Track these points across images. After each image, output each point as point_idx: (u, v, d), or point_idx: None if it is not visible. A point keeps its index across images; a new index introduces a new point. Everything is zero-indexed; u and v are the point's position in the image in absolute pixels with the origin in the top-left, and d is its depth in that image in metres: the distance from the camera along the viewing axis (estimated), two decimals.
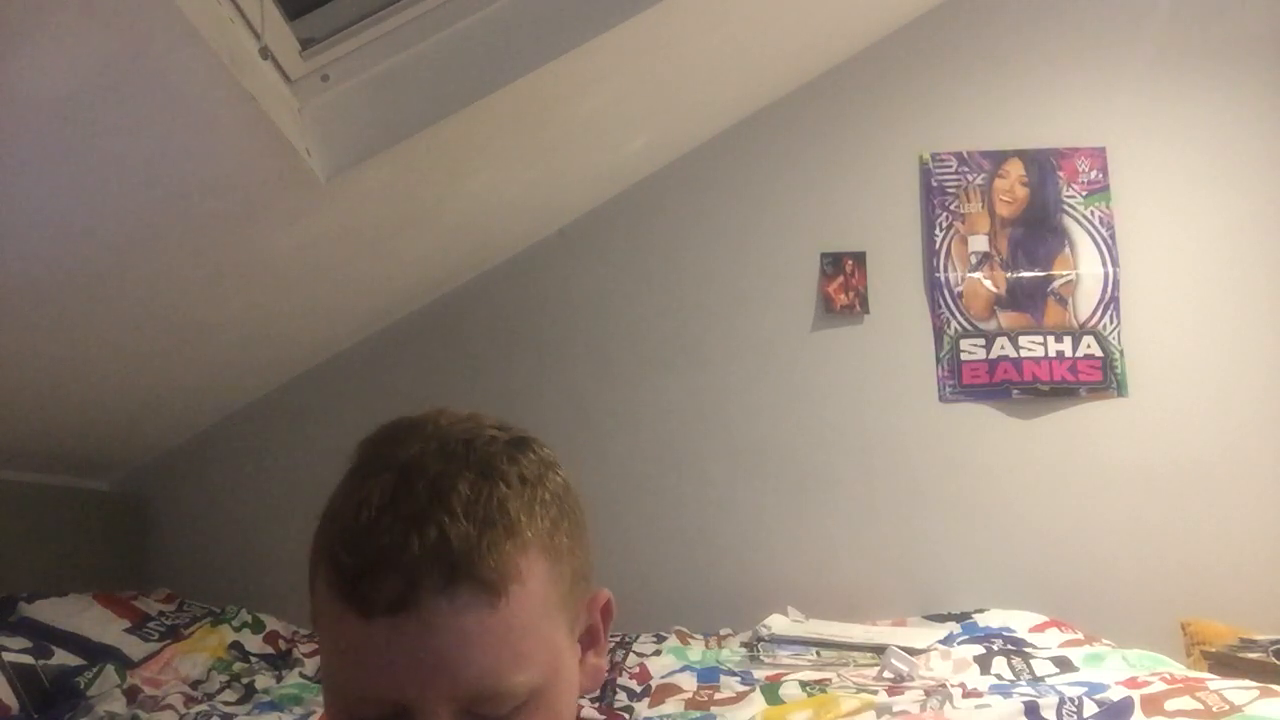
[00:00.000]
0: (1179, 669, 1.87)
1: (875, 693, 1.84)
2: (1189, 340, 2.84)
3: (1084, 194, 2.90)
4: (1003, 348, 2.84)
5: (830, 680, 1.98)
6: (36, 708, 1.67)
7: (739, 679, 2.02)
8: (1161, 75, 2.92)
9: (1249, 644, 2.15)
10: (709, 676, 2.06)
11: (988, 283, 2.88)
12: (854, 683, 1.96)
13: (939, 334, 2.87)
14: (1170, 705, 1.52)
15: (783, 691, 1.90)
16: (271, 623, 2.36)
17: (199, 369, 2.48)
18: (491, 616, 0.59)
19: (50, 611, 1.98)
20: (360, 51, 1.83)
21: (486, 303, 2.90)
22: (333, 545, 0.60)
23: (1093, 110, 2.93)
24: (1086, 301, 2.85)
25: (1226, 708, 1.48)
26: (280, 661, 2.23)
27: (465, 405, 0.67)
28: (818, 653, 2.22)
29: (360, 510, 0.60)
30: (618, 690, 2.01)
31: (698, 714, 1.81)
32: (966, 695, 1.76)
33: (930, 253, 2.91)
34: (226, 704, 1.90)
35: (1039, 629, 2.32)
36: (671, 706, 1.89)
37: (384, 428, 0.65)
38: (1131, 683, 1.68)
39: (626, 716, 1.86)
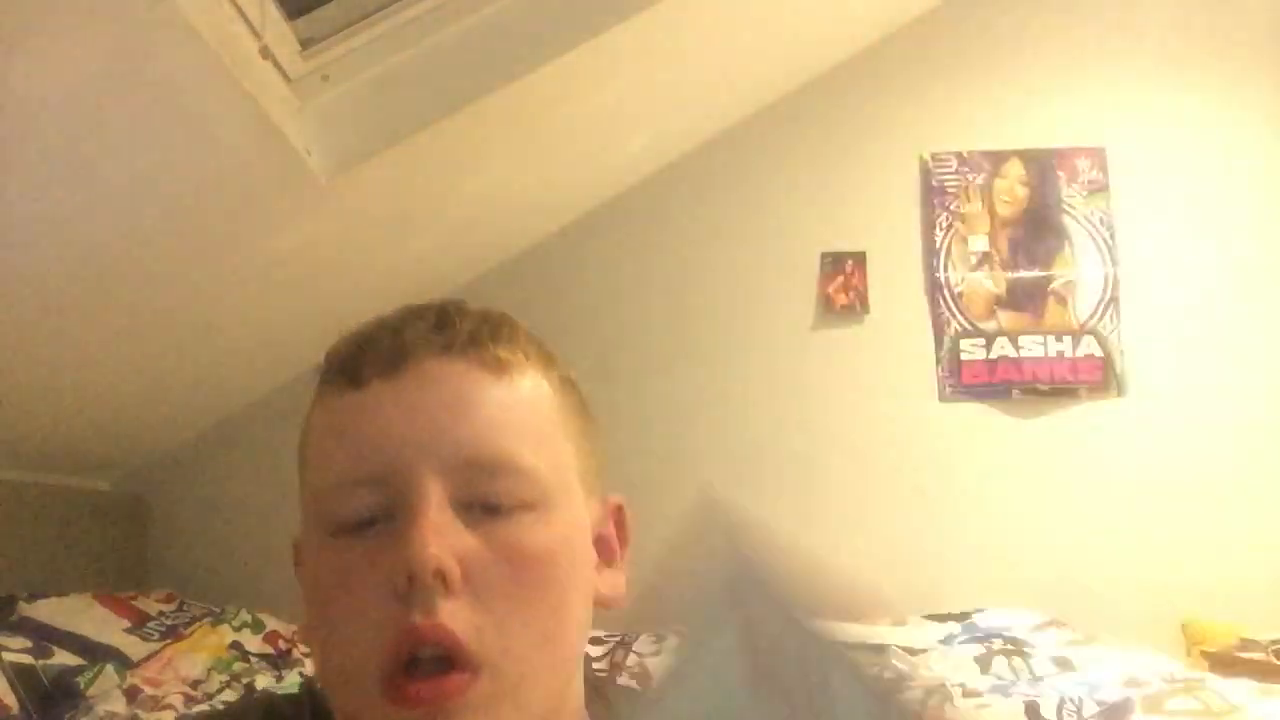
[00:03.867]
0: (1179, 669, 1.87)
1: None
2: (1189, 340, 2.83)
3: (1084, 194, 2.90)
4: (1003, 348, 2.84)
5: None
6: (36, 708, 1.67)
7: None
8: (1161, 75, 2.92)
9: (1249, 644, 2.15)
10: None
11: (988, 283, 2.88)
12: None
13: (939, 334, 2.87)
14: (1170, 705, 1.52)
15: None
16: (271, 622, 2.36)
17: (199, 369, 2.48)
18: (496, 385, 0.53)
19: (50, 611, 1.98)
20: (360, 51, 1.83)
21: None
22: (330, 352, 0.57)
23: (1093, 110, 2.93)
24: (1086, 301, 2.85)
25: (1226, 708, 1.48)
26: (280, 661, 2.23)
27: None
28: None
29: (361, 327, 0.57)
30: None
31: None
32: (966, 695, 1.76)
33: (930, 253, 2.90)
34: (226, 704, 1.90)
35: (1039, 629, 2.32)
36: None
37: None
38: (1131, 683, 1.68)
39: None
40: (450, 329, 0.55)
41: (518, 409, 0.54)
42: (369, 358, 0.53)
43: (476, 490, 0.51)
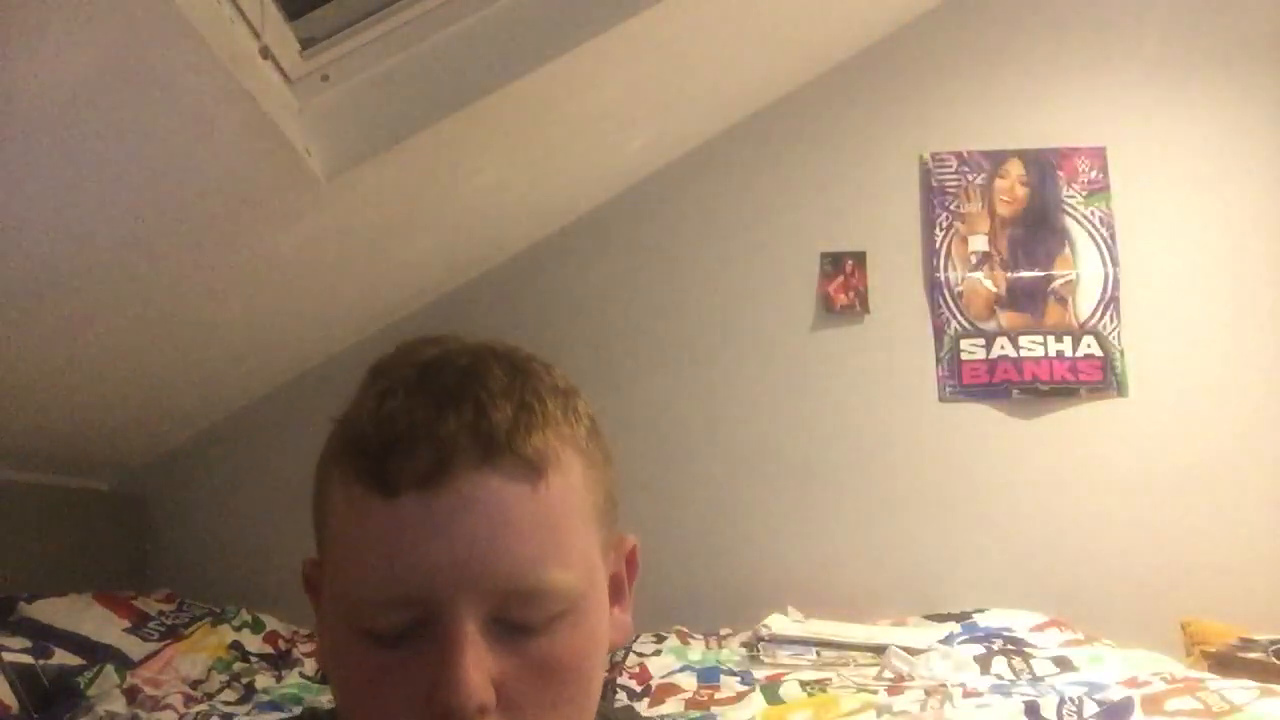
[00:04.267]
0: (1179, 669, 1.87)
1: (875, 693, 1.84)
2: (1189, 340, 2.84)
3: (1084, 194, 2.90)
4: (1003, 348, 2.84)
5: (830, 680, 1.98)
6: (36, 708, 1.67)
7: (739, 679, 2.02)
8: (1161, 75, 2.92)
9: (1249, 644, 2.15)
10: (709, 676, 2.06)
11: (988, 283, 2.88)
12: (854, 683, 1.96)
13: (939, 334, 2.87)
14: (1170, 705, 1.52)
15: (783, 691, 1.90)
16: (271, 622, 2.36)
17: (199, 369, 2.48)
18: (531, 498, 0.53)
19: (50, 611, 1.98)
20: (360, 51, 1.83)
21: (486, 303, 2.90)
22: (353, 432, 0.54)
23: (1093, 110, 2.93)
24: (1086, 301, 2.85)
25: (1226, 708, 1.48)
26: (280, 661, 2.23)
27: None
28: (818, 653, 2.22)
29: (384, 399, 0.54)
30: (618, 690, 2.01)
31: (698, 714, 1.81)
32: (966, 695, 1.76)
33: (930, 253, 2.90)
34: (226, 704, 1.90)
35: (1039, 629, 2.32)
36: (671, 706, 1.89)
37: (398, 345, 0.60)
38: (1131, 683, 1.68)
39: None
40: (486, 423, 0.52)
41: (553, 520, 0.54)
42: (404, 467, 0.52)
43: (511, 614, 0.52)
